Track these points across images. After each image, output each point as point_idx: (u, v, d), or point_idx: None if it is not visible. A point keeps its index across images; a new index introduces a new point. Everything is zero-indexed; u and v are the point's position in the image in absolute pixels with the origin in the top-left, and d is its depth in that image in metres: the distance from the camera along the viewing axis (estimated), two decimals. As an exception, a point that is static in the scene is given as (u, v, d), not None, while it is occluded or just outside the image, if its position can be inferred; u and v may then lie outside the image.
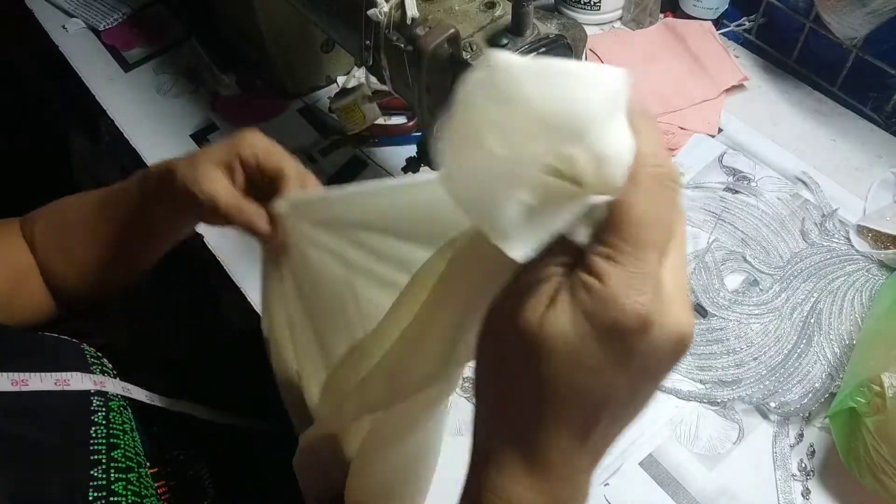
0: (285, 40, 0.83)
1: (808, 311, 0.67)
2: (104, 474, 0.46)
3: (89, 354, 0.54)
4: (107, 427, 0.49)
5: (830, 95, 0.85)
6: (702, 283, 0.68)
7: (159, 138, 0.86)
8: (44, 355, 0.51)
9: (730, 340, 0.65)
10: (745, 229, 0.73)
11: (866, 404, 0.53)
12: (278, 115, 0.89)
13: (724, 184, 0.77)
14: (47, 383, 0.48)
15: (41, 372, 0.48)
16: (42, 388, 0.47)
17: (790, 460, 0.59)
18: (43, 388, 0.47)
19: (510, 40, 0.48)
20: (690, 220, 0.74)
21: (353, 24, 0.55)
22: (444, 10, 0.51)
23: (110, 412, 0.50)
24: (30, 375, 0.47)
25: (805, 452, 0.59)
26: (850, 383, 0.56)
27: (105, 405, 0.50)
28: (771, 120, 0.84)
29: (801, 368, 0.63)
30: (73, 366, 0.51)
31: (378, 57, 0.55)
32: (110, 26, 1.00)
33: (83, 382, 0.50)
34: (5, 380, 0.46)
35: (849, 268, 0.69)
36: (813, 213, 0.74)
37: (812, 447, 0.59)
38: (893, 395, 0.51)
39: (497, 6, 0.50)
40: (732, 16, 0.91)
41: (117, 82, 0.93)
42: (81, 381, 0.50)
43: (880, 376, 0.52)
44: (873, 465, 0.54)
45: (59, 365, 0.50)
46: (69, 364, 0.51)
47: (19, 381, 0.46)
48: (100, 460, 0.47)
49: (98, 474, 0.46)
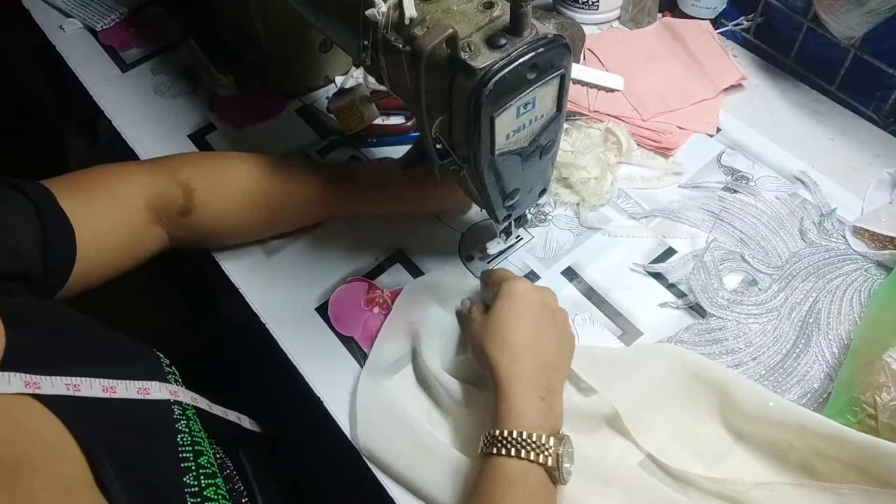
0: (283, 40, 0.82)
1: (807, 310, 0.67)
2: (195, 481, 0.47)
3: (164, 364, 0.54)
4: (190, 435, 0.50)
5: (829, 95, 0.85)
6: (700, 282, 0.68)
7: (157, 138, 0.86)
8: (126, 361, 0.51)
9: (728, 340, 0.65)
10: (744, 229, 0.73)
11: (856, 423, 0.53)
12: (276, 115, 0.89)
13: (722, 183, 0.77)
14: (131, 391, 0.48)
15: (126, 380, 0.48)
16: (127, 396, 0.47)
17: (789, 460, 0.59)
18: (128, 397, 0.47)
19: (508, 40, 0.48)
20: (689, 220, 0.74)
21: (351, 24, 0.55)
22: (442, 11, 0.51)
23: (189, 420, 0.51)
24: (117, 382, 0.47)
25: (804, 452, 0.59)
26: (841, 395, 0.56)
27: (184, 414, 0.51)
28: (769, 119, 0.84)
29: (800, 368, 0.63)
30: (152, 374, 0.51)
31: (376, 57, 0.55)
32: (108, 26, 1.00)
33: (161, 392, 0.50)
34: (98, 386, 0.46)
35: (847, 267, 0.69)
36: (811, 213, 0.74)
37: (811, 447, 0.59)
38: (887, 419, 0.51)
39: (495, 6, 0.50)
40: (731, 15, 0.91)
41: (115, 82, 0.93)
42: (160, 390, 0.50)
43: (874, 397, 0.52)
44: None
45: (140, 373, 0.50)
46: (148, 372, 0.51)
47: (109, 388, 0.46)
48: (189, 468, 0.47)
49: (190, 481, 0.46)
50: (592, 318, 0.68)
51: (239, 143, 0.85)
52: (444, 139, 0.55)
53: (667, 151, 0.81)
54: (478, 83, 0.47)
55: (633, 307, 0.69)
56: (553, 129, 0.56)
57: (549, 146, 0.58)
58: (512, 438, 0.50)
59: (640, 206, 0.77)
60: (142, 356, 0.54)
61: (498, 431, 0.51)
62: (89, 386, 0.45)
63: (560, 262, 0.73)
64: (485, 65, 0.47)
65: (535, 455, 0.49)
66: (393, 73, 0.55)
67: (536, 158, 0.58)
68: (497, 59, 0.47)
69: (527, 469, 0.50)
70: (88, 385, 0.45)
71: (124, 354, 0.53)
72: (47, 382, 0.43)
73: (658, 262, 0.72)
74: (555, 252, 0.73)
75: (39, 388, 0.42)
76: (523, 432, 0.50)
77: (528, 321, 0.57)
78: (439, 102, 0.52)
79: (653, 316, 0.68)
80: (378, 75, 0.57)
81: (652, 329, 0.67)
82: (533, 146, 0.56)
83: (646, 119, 0.83)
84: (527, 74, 0.49)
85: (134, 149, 0.85)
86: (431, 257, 0.73)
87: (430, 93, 0.51)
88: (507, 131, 0.52)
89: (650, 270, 0.71)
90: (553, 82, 0.52)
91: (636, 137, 0.81)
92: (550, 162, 0.61)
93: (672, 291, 0.70)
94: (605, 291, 0.70)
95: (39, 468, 0.38)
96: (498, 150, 0.53)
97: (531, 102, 0.52)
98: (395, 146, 0.83)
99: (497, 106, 0.49)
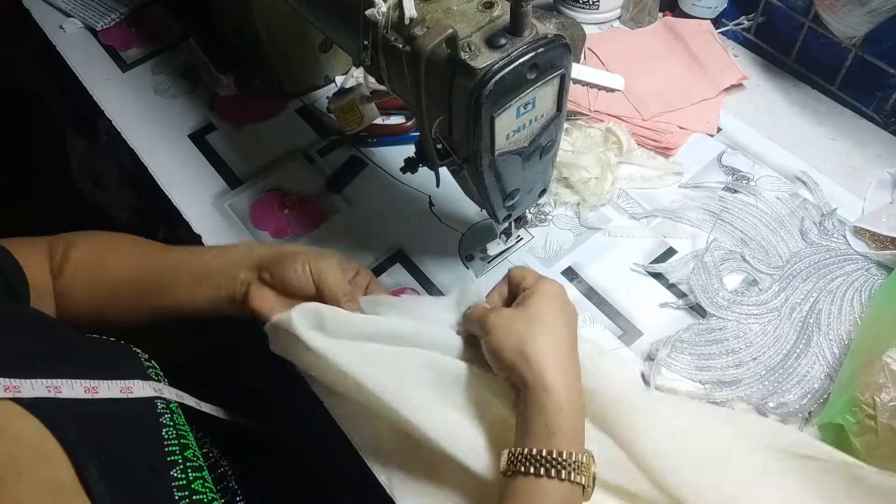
0: (283, 40, 0.82)
1: (808, 311, 0.66)
2: (183, 474, 0.46)
3: (143, 359, 0.54)
4: (175, 428, 0.50)
5: (829, 94, 0.85)
6: (701, 282, 0.68)
7: (157, 138, 0.86)
8: (107, 361, 0.51)
9: (729, 340, 0.65)
10: (745, 229, 0.73)
11: (855, 423, 0.53)
12: (276, 115, 0.89)
13: (723, 183, 0.77)
14: (114, 391, 0.48)
15: (108, 379, 0.48)
16: (110, 395, 0.47)
17: (789, 460, 0.59)
18: (111, 396, 0.47)
19: (508, 40, 0.48)
20: (690, 220, 0.74)
21: (351, 24, 0.55)
22: (442, 10, 0.51)
23: (173, 414, 0.51)
24: (99, 383, 0.47)
25: (804, 453, 0.59)
26: (841, 395, 0.56)
27: (167, 408, 0.51)
28: (770, 119, 0.83)
29: (800, 368, 0.63)
30: (133, 373, 0.51)
31: (376, 57, 0.54)
32: (108, 26, 1.00)
33: (144, 390, 0.50)
34: (79, 387, 0.45)
35: (848, 267, 0.69)
36: (812, 213, 0.74)
37: (811, 447, 0.59)
38: (887, 419, 0.51)
39: (495, 6, 0.50)
40: (731, 15, 0.91)
41: (115, 82, 0.93)
42: (143, 388, 0.50)
43: (874, 397, 0.52)
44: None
45: (122, 372, 0.50)
46: (130, 371, 0.51)
47: (91, 388, 0.46)
48: (176, 461, 0.47)
49: (178, 475, 0.46)
50: (593, 318, 0.68)
51: (239, 142, 0.85)
52: (444, 139, 0.55)
53: (667, 151, 0.81)
54: (478, 83, 0.47)
55: (633, 307, 0.69)
56: (553, 129, 0.56)
57: (549, 146, 0.58)
58: (561, 460, 0.46)
59: (641, 206, 0.77)
60: (122, 355, 0.54)
61: (537, 450, 0.47)
62: (70, 387, 0.45)
63: (560, 262, 0.73)
64: (485, 65, 0.47)
65: (576, 475, 0.46)
66: (393, 73, 0.55)
67: (536, 158, 0.58)
68: (497, 59, 0.47)
69: (571, 490, 0.47)
70: (70, 386, 0.45)
71: (104, 355, 0.53)
72: (27, 385, 0.42)
73: (658, 262, 0.72)
74: (555, 252, 0.73)
75: (20, 391, 0.42)
76: (573, 453, 0.47)
77: (566, 326, 0.52)
78: (439, 102, 0.52)
79: (653, 316, 0.68)
80: (378, 75, 0.57)
81: (652, 329, 0.67)
82: (533, 146, 0.56)
83: (646, 119, 0.83)
84: (527, 74, 0.49)
85: (134, 149, 0.85)
86: (431, 257, 0.73)
87: (430, 93, 0.51)
88: (507, 131, 0.52)
89: (650, 270, 0.71)
90: (553, 82, 0.52)
91: (636, 137, 0.81)
92: (550, 162, 0.61)
93: (672, 291, 0.70)
94: (605, 291, 0.70)
95: (24, 472, 0.38)
96: (498, 151, 0.53)
97: (531, 102, 0.52)
98: (395, 146, 0.83)
99: (497, 106, 0.49)
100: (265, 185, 0.81)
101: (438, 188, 0.60)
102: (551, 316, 0.52)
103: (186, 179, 0.82)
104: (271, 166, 0.83)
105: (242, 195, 0.80)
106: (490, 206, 0.61)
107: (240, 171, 0.83)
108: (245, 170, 0.83)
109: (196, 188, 0.81)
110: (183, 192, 0.80)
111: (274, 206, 0.79)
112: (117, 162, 1.30)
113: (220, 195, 0.80)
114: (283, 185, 0.81)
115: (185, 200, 0.80)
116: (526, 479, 0.47)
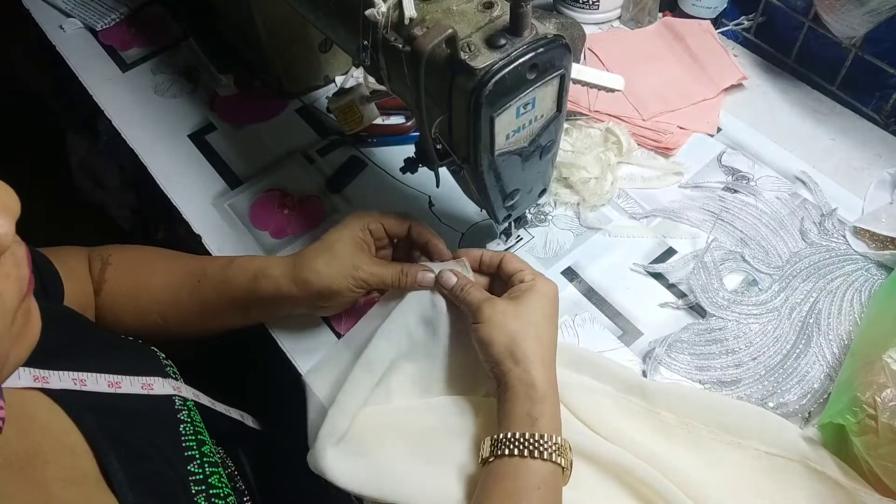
0: (283, 40, 0.82)
1: (808, 311, 0.66)
2: (200, 469, 0.47)
3: (161, 358, 0.55)
4: (192, 425, 0.51)
5: (829, 94, 0.85)
6: (700, 282, 0.68)
7: (157, 138, 0.86)
8: (130, 358, 0.52)
9: (728, 340, 0.65)
10: (744, 229, 0.73)
11: (856, 423, 0.53)
12: (276, 115, 0.88)
13: (723, 183, 0.77)
14: (135, 387, 0.49)
15: (130, 375, 0.49)
16: (132, 391, 0.49)
17: (789, 460, 0.59)
18: (133, 392, 0.49)
19: (508, 40, 0.48)
20: (690, 220, 0.74)
21: (351, 24, 0.55)
22: (442, 10, 0.51)
23: (190, 411, 0.52)
24: (122, 378, 0.48)
25: (804, 453, 0.59)
26: (841, 395, 0.56)
27: (185, 405, 0.52)
28: (770, 119, 0.83)
29: (800, 369, 0.63)
30: (154, 370, 0.52)
31: (376, 57, 0.54)
32: (108, 26, 1.00)
33: (164, 387, 0.51)
34: (103, 382, 0.47)
35: (848, 267, 0.69)
36: (812, 213, 0.74)
37: (811, 447, 0.59)
38: (887, 419, 0.51)
39: (495, 6, 0.50)
40: (731, 15, 0.91)
41: (115, 82, 0.93)
42: (163, 385, 0.51)
43: (874, 397, 0.52)
44: (864, 475, 0.55)
45: (143, 369, 0.51)
46: (150, 369, 0.52)
47: (114, 383, 0.48)
48: (193, 456, 0.48)
49: (195, 469, 0.47)
50: (592, 318, 0.68)
51: (239, 142, 0.85)
52: (444, 139, 0.55)
53: (667, 151, 0.81)
54: (478, 83, 0.47)
55: (633, 307, 0.69)
56: (553, 130, 0.56)
57: (549, 146, 0.58)
58: (543, 441, 0.49)
59: (641, 206, 0.77)
60: (142, 354, 0.55)
61: (520, 434, 0.50)
62: (95, 381, 0.46)
63: (560, 262, 0.73)
64: (484, 65, 0.47)
65: (557, 456, 0.49)
66: (393, 73, 0.55)
67: (536, 158, 0.58)
68: (497, 59, 0.47)
69: (553, 471, 0.49)
70: (94, 380, 0.46)
71: (126, 351, 0.54)
72: (55, 377, 0.44)
73: (658, 262, 0.72)
74: (555, 252, 0.73)
75: (48, 382, 0.43)
76: (553, 436, 0.50)
77: (555, 326, 0.56)
78: (439, 102, 0.52)
79: (653, 316, 0.68)
80: (378, 75, 0.57)
81: (652, 329, 0.67)
82: (533, 146, 0.56)
83: (646, 119, 0.83)
84: (527, 74, 0.49)
85: (134, 149, 0.85)
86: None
87: (430, 93, 0.51)
88: (506, 131, 0.52)
89: (650, 270, 0.71)
90: (553, 82, 0.52)
91: (636, 137, 0.81)
92: (550, 162, 0.61)
93: (672, 291, 0.70)
94: (605, 291, 0.70)
95: (51, 461, 0.39)
96: (498, 151, 0.53)
97: (531, 102, 0.52)
98: (395, 146, 0.83)
99: (497, 106, 0.49)
100: (265, 185, 0.81)
101: (438, 188, 0.60)
102: (544, 319, 0.55)
103: (186, 179, 0.82)
104: (271, 166, 0.83)
105: (242, 195, 0.80)
106: (490, 207, 0.61)
107: (240, 171, 0.83)
108: (245, 170, 0.83)
109: (196, 188, 0.81)
110: (183, 192, 0.80)
111: (274, 205, 0.79)
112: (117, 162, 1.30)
113: (219, 195, 0.80)
114: (283, 185, 0.81)
115: (185, 200, 0.80)
116: (510, 460, 0.49)
